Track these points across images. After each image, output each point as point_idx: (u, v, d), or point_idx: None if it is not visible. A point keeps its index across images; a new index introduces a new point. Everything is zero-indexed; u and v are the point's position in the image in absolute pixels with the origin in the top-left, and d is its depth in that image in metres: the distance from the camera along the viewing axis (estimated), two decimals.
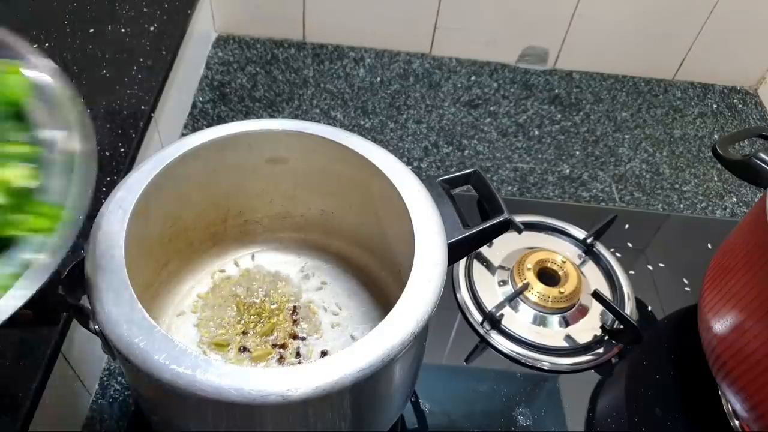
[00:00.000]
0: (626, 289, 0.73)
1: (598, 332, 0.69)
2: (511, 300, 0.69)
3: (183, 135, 0.88)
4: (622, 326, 0.67)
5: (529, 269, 0.71)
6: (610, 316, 0.70)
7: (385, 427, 0.54)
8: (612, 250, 0.77)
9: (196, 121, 0.90)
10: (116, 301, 0.41)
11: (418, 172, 0.87)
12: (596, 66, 1.08)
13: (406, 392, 0.55)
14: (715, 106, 1.05)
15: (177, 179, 0.52)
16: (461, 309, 0.70)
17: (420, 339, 0.46)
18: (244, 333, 0.59)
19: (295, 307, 0.62)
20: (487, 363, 0.67)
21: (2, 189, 0.33)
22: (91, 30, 0.76)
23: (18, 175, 0.35)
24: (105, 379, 0.63)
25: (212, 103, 0.93)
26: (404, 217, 0.50)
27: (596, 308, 0.71)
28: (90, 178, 0.36)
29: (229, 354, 0.58)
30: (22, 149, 0.36)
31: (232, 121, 0.60)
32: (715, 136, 1.00)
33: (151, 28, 0.79)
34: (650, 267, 0.77)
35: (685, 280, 0.76)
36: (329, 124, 0.67)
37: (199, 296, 0.62)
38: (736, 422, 0.63)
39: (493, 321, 0.68)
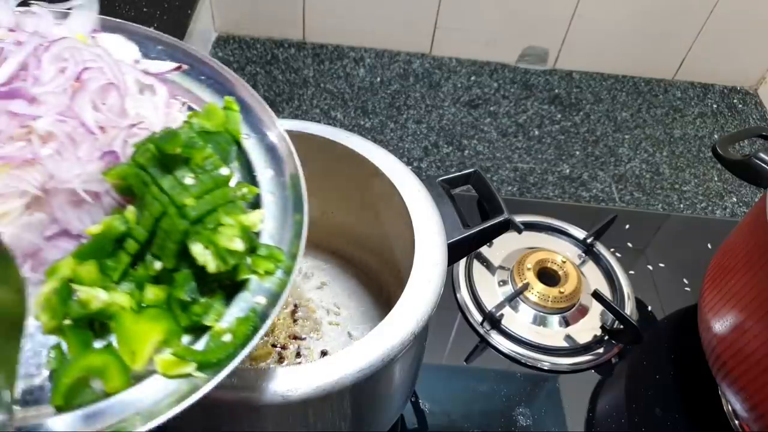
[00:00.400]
0: (626, 289, 0.73)
1: (598, 332, 0.69)
2: (511, 300, 0.69)
3: None
4: (622, 326, 0.67)
5: (529, 269, 0.71)
6: (610, 316, 0.70)
7: (385, 427, 0.54)
8: (612, 250, 0.77)
9: None
10: None
11: (418, 172, 0.87)
12: (596, 66, 1.08)
13: (406, 392, 0.55)
14: (715, 106, 1.05)
15: None
16: (461, 309, 0.70)
17: (420, 339, 0.46)
18: None
19: (295, 306, 0.62)
20: (487, 363, 0.67)
21: (243, 235, 0.33)
22: None
23: (257, 220, 0.35)
24: None
25: None
26: (404, 217, 0.50)
27: (596, 308, 0.71)
28: (304, 223, 0.36)
29: None
30: (250, 189, 0.37)
31: None
32: (715, 136, 1.00)
33: (151, 28, 0.79)
34: (650, 267, 0.77)
35: (685, 280, 0.76)
36: (329, 124, 0.67)
37: None
38: (736, 422, 0.63)
39: (493, 321, 0.68)
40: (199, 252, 0.32)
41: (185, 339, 0.32)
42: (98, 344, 0.32)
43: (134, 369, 0.30)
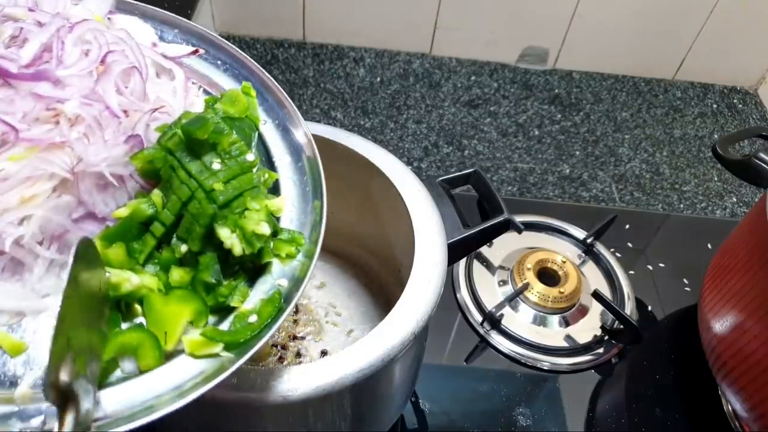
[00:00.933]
0: (626, 289, 0.73)
1: (598, 332, 0.69)
2: (511, 300, 0.69)
3: None
4: (622, 326, 0.67)
5: (529, 269, 0.71)
6: (610, 316, 0.70)
7: (385, 427, 0.54)
8: (612, 250, 0.77)
9: None
10: None
11: (418, 172, 0.87)
12: (596, 66, 1.08)
13: (406, 392, 0.55)
14: (715, 106, 1.05)
15: None
16: (461, 309, 0.70)
17: (420, 339, 0.46)
18: None
19: (295, 306, 0.62)
20: (487, 363, 0.67)
21: (269, 219, 0.34)
22: None
23: (282, 205, 0.36)
24: None
25: None
26: (404, 217, 0.50)
27: (596, 308, 0.71)
28: (324, 209, 0.37)
29: None
30: (270, 175, 0.37)
31: None
32: (715, 136, 1.00)
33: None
34: (650, 267, 0.77)
35: (685, 280, 0.76)
36: (329, 124, 0.67)
37: None
38: (736, 422, 0.63)
39: (493, 321, 0.68)
40: (226, 235, 0.32)
41: (210, 320, 0.33)
42: (124, 326, 0.32)
43: (166, 349, 0.31)
